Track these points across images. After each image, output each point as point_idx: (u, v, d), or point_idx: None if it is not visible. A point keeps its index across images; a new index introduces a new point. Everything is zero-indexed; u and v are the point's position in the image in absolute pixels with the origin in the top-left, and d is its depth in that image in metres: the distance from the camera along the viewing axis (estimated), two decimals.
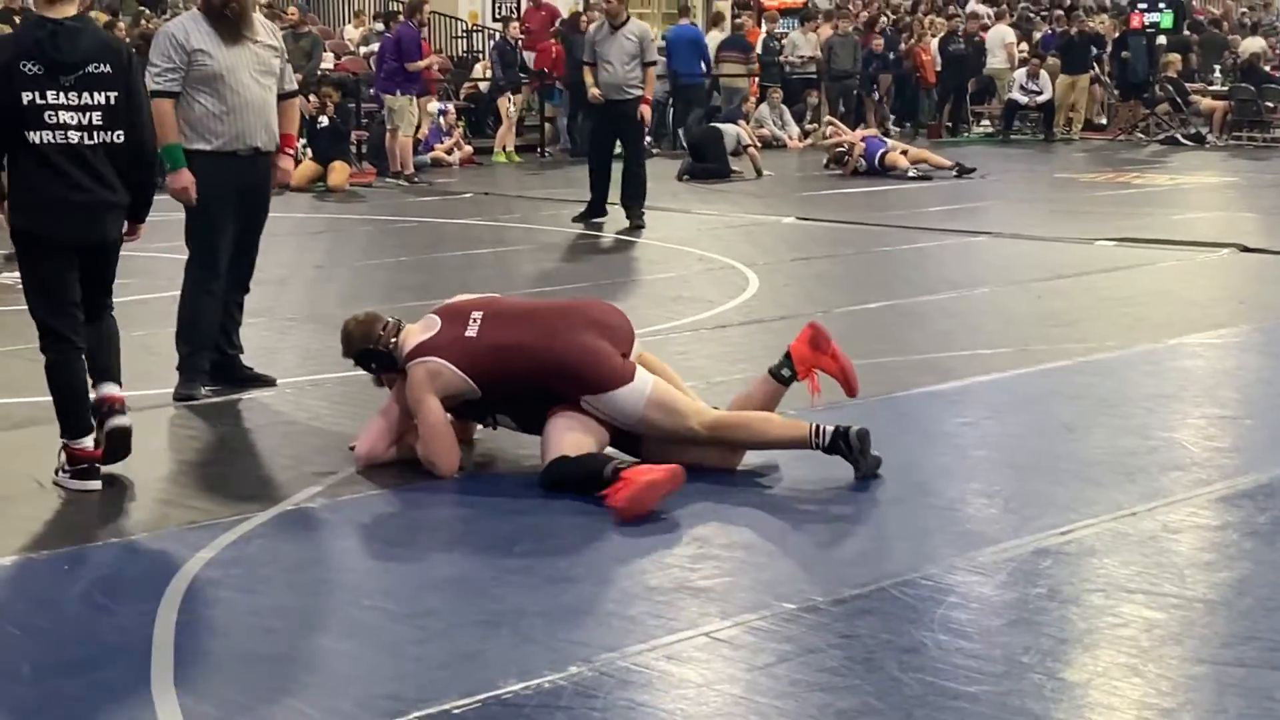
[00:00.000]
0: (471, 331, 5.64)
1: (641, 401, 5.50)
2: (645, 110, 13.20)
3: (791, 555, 4.77)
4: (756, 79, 23.08)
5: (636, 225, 12.98)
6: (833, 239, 12.62)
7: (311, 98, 17.10)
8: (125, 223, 5.72)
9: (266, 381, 7.04)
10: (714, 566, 4.64)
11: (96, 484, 5.44)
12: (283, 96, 7.10)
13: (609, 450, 5.59)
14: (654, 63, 13.42)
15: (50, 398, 5.57)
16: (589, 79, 13.38)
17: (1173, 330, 8.29)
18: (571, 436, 5.47)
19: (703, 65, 20.73)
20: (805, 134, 22.91)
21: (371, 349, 5.81)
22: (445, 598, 4.38)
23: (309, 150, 16.88)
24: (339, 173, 16.79)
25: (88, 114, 5.43)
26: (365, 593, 4.44)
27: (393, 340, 5.76)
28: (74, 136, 5.41)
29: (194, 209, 6.84)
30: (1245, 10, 35.07)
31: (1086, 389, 6.95)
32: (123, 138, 5.54)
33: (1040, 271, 10.56)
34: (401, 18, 18.53)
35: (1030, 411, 6.64)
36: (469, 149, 20.03)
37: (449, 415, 5.67)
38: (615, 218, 13.39)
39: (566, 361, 5.51)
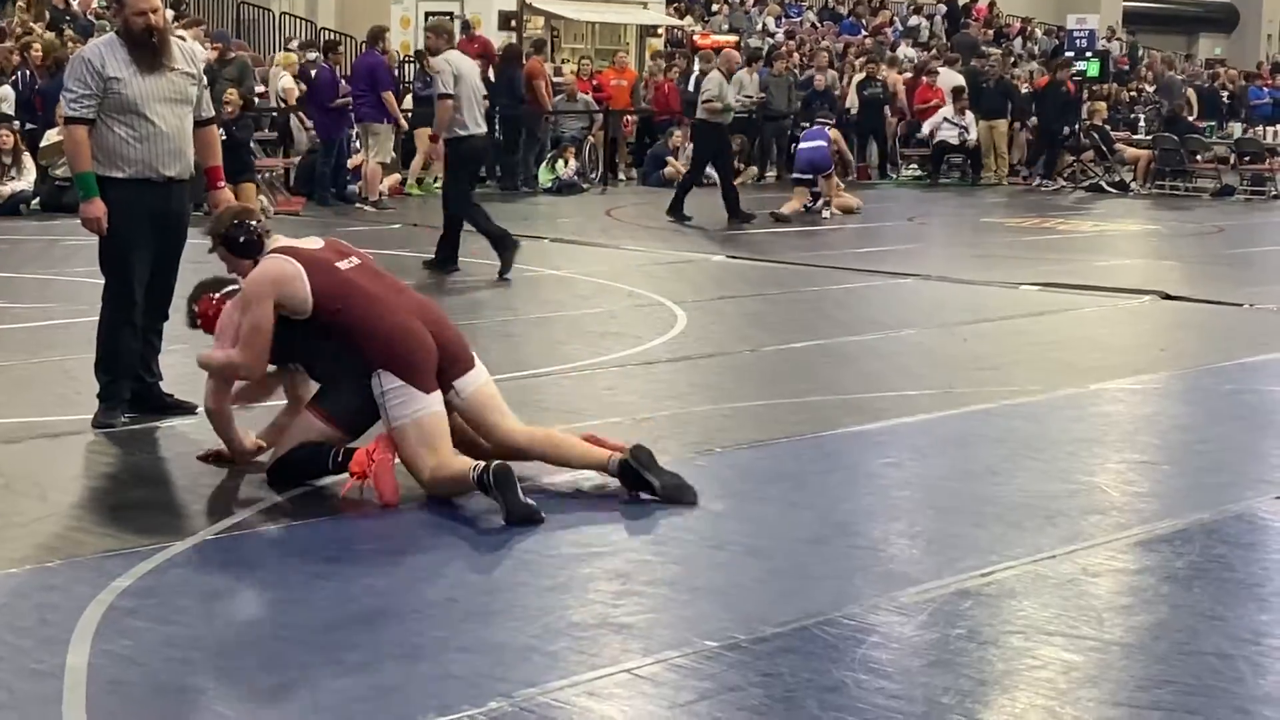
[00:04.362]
0: (342, 265, 5.86)
1: (405, 417, 5.59)
2: (433, 149, 12.32)
3: (714, 593, 4.76)
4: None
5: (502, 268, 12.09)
6: (761, 278, 12.67)
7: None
8: None
9: (186, 409, 6.96)
10: (636, 603, 4.63)
11: None
12: (201, 124, 7.02)
13: None
14: (443, 95, 12.13)
15: None
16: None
17: (1095, 375, 8.37)
18: (301, 436, 5.78)
19: None
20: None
21: (245, 223, 6.00)
22: (365, 630, 4.33)
23: None
24: (247, 196, 16.37)
25: None
26: (283, 624, 4.39)
27: (265, 232, 6.00)
28: None
29: (108, 236, 6.77)
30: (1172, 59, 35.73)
31: (1010, 432, 7.01)
32: None
33: (966, 315, 10.65)
34: (365, 46, 18.72)
35: (954, 453, 6.68)
36: (396, 178, 20.00)
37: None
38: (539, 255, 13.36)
39: (401, 336, 5.68)
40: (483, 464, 5.47)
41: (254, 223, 6.02)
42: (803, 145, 18.92)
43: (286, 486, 5.76)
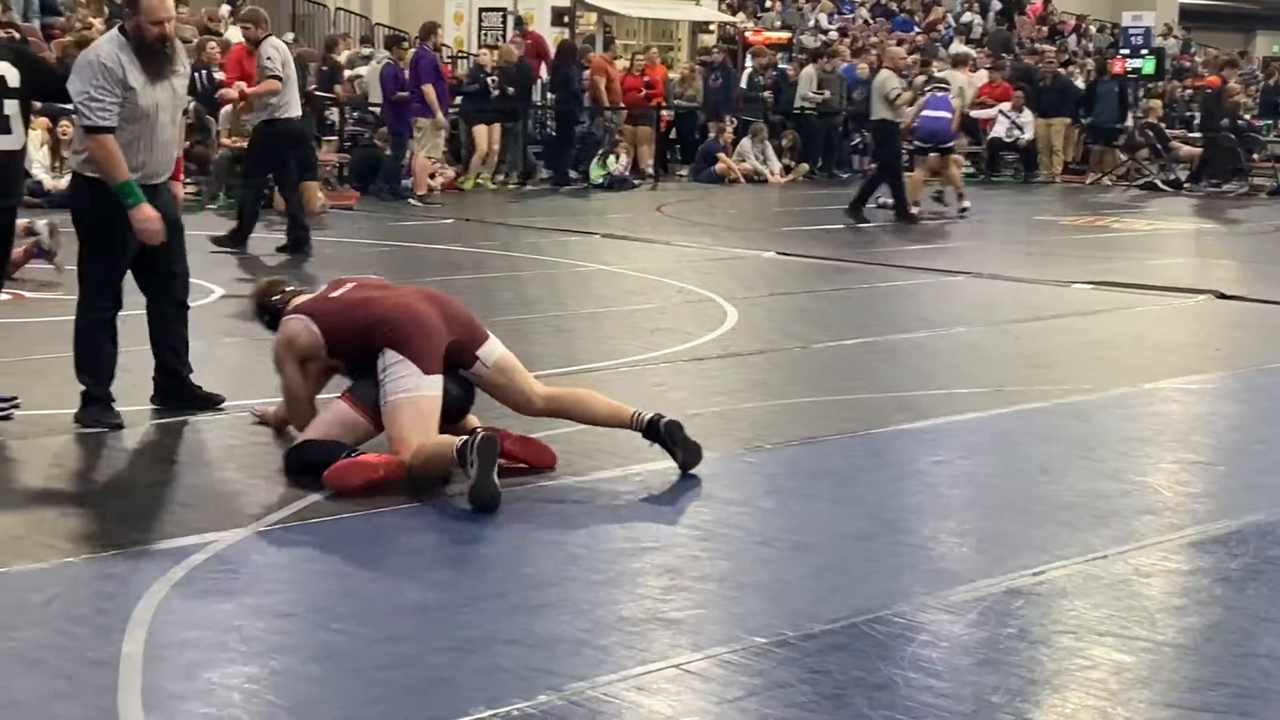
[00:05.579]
0: (336, 293, 6.26)
1: (402, 393, 5.77)
2: (225, 93, 14.15)
3: (763, 589, 4.76)
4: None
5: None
6: (812, 275, 12.65)
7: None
8: None
9: (215, 401, 6.97)
10: (686, 598, 4.63)
11: None
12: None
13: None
14: (274, 76, 12.66)
15: None
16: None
17: (1148, 375, 8.32)
18: (325, 426, 5.93)
19: None
20: (786, 169, 23.00)
21: (266, 302, 6.58)
22: (416, 623, 4.36)
23: None
24: (310, 193, 16.50)
25: None
26: (335, 616, 4.42)
27: (285, 303, 6.39)
28: None
29: (97, 238, 6.69)
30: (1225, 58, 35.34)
31: (1061, 431, 6.97)
32: None
33: (1017, 313, 10.60)
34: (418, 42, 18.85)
35: (1004, 452, 6.65)
36: (451, 174, 20.05)
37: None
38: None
39: (399, 312, 5.95)
40: (467, 436, 5.57)
41: (275, 299, 6.51)
42: (925, 113, 17.64)
43: (300, 474, 5.81)
